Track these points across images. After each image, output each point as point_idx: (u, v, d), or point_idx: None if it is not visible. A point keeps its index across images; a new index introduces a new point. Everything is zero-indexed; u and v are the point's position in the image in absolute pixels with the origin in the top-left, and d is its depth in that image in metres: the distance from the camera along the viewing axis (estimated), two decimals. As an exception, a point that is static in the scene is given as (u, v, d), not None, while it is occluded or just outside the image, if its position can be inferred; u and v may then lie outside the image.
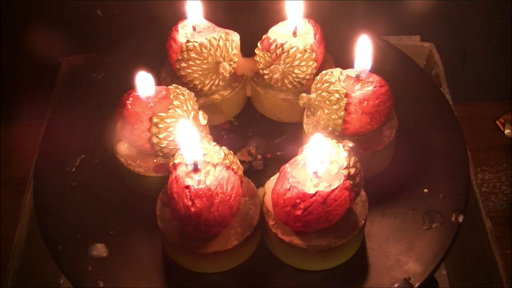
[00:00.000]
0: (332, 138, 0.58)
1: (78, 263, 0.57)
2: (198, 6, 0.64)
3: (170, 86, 0.59)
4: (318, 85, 0.59)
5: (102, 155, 0.63)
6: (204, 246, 0.53)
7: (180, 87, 0.60)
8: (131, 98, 0.58)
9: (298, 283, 0.56)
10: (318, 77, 0.60)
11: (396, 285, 0.55)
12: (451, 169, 0.62)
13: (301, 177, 0.52)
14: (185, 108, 0.58)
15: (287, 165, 0.53)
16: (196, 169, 0.52)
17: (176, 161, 0.53)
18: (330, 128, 0.58)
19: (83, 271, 0.56)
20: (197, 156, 0.52)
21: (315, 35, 0.64)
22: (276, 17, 0.66)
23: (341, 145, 0.53)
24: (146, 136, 0.57)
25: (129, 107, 0.58)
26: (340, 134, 0.59)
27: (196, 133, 0.53)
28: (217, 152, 0.54)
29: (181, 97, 0.58)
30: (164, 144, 0.57)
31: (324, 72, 0.60)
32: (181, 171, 0.52)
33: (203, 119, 0.58)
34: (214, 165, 0.54)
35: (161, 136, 0.56)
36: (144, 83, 0.58)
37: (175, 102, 0.58)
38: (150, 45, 0.73)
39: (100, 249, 0.57)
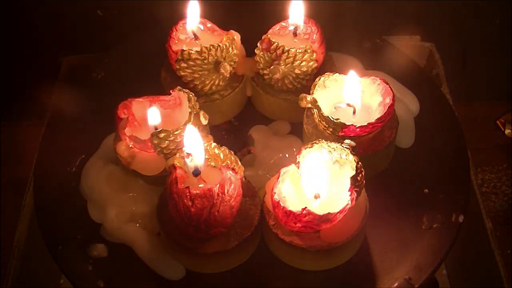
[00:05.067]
0: (333, 138, 0.58)
1: (78, 263, 0.57)
2: (197, 8, 0.64)
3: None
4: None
5: (102, 155, 0.63)
6: (204, 246, 0.53)
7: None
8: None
9: (298, 283, 0.56)
10: (318, 79, 0.60)
11: (396, 285, 0.55)
12: (451, 169, 0.62)
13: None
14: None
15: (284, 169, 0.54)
16: (196, 174, 0.52)
17: (176, 163, 0.53)
18: (331, 129, 0.58)
19: (83, 271, 0.56)
20: (198, 163, 0.53)
21: (315, 35, 0.63)
22: (276, 17, 0.66)
23: (342, 145, 0.54)
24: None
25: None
26: (341, 134, 0.59)
27: (200, 139, 0.53)
28: (217, 153, 0.54)
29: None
30: (165, 144, 0.57)
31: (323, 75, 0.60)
32: (181, 172, 0.53)
33: (203, 119, 0.58)
34: (215, 166, 0.54)
35: (161, 136, 0.56)
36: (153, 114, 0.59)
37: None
38: (150, 45, 0.73)
39: (100, 249, 0.57)
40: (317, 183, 0.53)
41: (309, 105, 0.59)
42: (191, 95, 0.59)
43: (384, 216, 0.59)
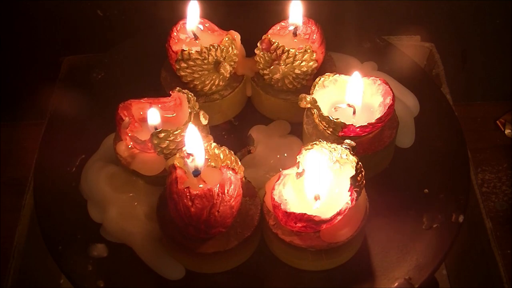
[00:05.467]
0: (333, 138, 0.58)
1: (78, 263, 0.57)
2: (197, 8, 0.64)
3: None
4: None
5: (102, 155, 0.63)
6: (204, 246, 0.53)
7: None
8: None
9: (298, 283, 0.56)
10: (318, 79, 0.60)
11: (396, 285, 0.55)
12: (451, 169, 0.62)
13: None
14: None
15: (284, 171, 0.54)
16: (196, 175, 0.52)
17: (176, 163, 0.53)
18: (331, 129, 0.58)
19: (83, 271, 0.56)
20: (198, 163, 0.53)
21: (315, 35, 0.63)
22: (276, 17, 0.66)
23: (342, 145, 0.53)
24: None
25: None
26: (340, 135, 0.59)
27: (200, 140, 0.53)
28: (217, 153, 0.54)
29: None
30: (165, 144, 0.57)
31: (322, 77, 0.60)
32: (181, 172, 0.53)
33: (203, 119, 0.58)
34: (215, 166, 0.54)
35: (161, 136, 0.56)
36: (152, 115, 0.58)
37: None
38: (150, 45, 0.73)
39: (100, 249, 0.57)
40: (318, 184, 0.53)
41: (309, 105, 0.59)
42: (190, 96, 0.59)
43: (384, 216, 0.59)
